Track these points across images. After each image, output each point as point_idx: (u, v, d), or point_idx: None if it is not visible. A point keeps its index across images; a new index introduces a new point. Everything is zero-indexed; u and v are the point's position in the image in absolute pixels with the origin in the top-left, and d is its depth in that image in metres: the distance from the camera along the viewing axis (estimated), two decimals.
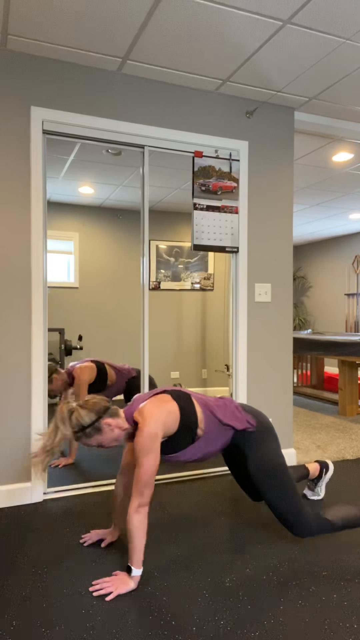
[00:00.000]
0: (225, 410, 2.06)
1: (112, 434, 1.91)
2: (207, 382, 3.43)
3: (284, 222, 3.38)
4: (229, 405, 2.09)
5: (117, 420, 1.93)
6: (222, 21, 2.38)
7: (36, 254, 2.72)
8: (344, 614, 1.69)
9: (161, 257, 3.25)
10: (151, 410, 1.89)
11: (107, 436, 1.90)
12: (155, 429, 1.85)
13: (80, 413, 1.86)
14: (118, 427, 1.92)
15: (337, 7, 2.27)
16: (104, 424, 1.89)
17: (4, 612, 1.70)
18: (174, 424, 1.94)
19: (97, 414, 1.88)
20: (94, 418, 1.87)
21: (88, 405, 1.89)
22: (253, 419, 2.07)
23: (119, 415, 1.96)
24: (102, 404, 1.91)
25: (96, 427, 1.87)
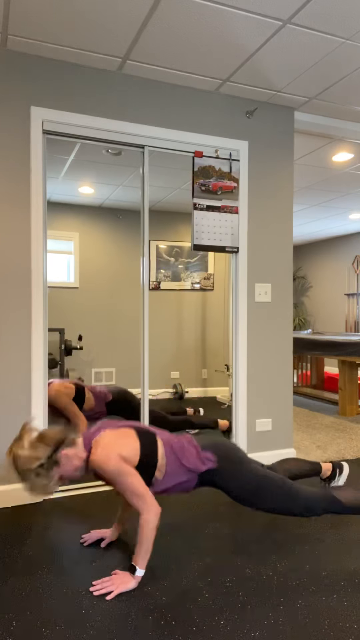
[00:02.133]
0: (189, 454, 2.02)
1: (72, 465, 1.89)
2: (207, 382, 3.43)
3: (284, 222, 3.38)
4: (189, 447, 2.05)
5: (75, 450, 1.90)
6: (222, 21, 2.38)
7: (36, 254, 2.72)
8: (344, 614, 1.69)
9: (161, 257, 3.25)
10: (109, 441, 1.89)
11: (66, 468, 1.88)
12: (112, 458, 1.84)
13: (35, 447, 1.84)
14: (77, 456, 1.90)
15: (337, 7, 2.27)
16: (62, 455, 1.87)
17: (4, 612, 1.70)
18: (130, 462, 1.92)
19: (53, 447, 1.86)
20: (49, 452, 1.85)
21: (44, 440, 1.87)
22: (212, 455, 2.04)
23: (77, 444, 1.93)
24: (58, 436, 1.89)
25: (54, 460, 1.86)
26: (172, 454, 2.00)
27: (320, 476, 2.62)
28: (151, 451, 1.96)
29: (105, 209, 3.09)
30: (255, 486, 2.04)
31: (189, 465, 2.00)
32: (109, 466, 1.84)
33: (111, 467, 1.83)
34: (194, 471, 2.01)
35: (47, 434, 1.90)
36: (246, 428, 3.25)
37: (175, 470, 2.00)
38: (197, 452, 2.04)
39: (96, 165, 3.01)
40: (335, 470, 2.64)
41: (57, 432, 1.91)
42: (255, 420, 3.29)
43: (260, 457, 3.29)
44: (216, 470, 2.03)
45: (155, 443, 1.99)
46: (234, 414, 3.25)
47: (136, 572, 1.84)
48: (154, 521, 1.84)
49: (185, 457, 2.01)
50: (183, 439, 2.10)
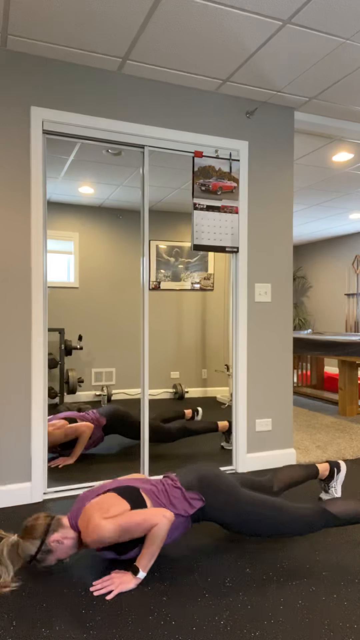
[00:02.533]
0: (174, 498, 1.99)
1: (65, 546, 1.88)
2: (207, 382, 3.43)
3: (284, 222, 3.38)
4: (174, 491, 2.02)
5: (63, 532, 1.89)
6: (222, 21, 2.38)
7: (36, 254, 2.72)
8: (344, 614, 1.69)
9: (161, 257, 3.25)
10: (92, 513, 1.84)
11: (60, 551, 1.88)
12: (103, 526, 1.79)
13: (24, 545, 1.84)
14: (67, 537, 1.89)
15: (337, 8, 2.27)
16: (51, 543, 1.85)
17: (4, 612, 1.70)
18: None
19: (40, 538, 1.84)
20: (38, 544, 1.84)
21: (29, 534, 1.85)
22: (198, 494, 2.01)
23: (63, 525, 1.91)
24: (41, 524, 1.87)
25: (45, 550, 1.85)
26: (159, 504, 1.97)
27: (318, 478, 2.61)
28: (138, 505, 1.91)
29: (105, 209, 3.09)
30: (248, 516, 2.00)
31: (178, 511, 1.97)
32: (104, 534, 1.78)
33: (107, 533, 1.78)
34: (184, 515, 1.98)
35: (33, 525, 1.87)
36: (246, 428, 3.25)
37: None
38: (183, 495, 2.01)
39: (96, 165, 3.01)
40: (333, 470, 2.62)
41: (41, 520, 1.89)
42: (255, 420, 3.29)
43: (260, 457, 3.29)
44: (205, 508, 2.01)
45: (141, 497, 1.95)
46: (234, 414, 3.25)
47: (139, 574, 1.84)
48: (166, 525, 1.83)
49: (173, 504, 1.98)
50: (167, 482, 2.07)
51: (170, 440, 3.21)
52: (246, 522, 2.01)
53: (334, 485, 2.64)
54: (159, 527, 1.82)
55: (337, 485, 2.65)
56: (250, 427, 3.27)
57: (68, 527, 1.91)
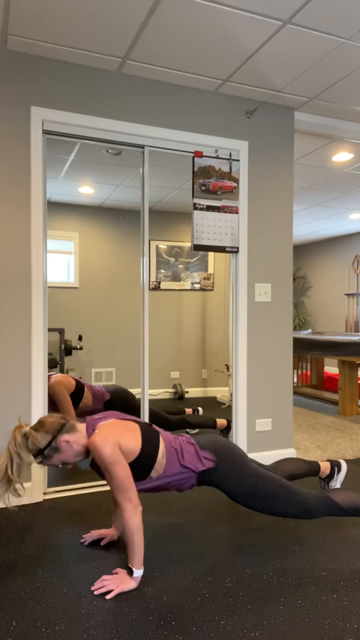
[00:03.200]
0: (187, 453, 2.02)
1: (73, 450, 1.90)
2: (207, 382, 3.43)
3: (284, 222, 3.38)
4: (188, 447, 2.05)
5: (75, 436, 1.91)
6: (222, 21, 2.38)
7: (36, 254, 2.72)
8: (344, 614, 1.69)
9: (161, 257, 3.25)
10: (112, 429, 1.88)
11: (67, 454, 1.90)
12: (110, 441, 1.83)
13: (35, 436, 1.85)
14: (77, 442, 1.91)
15: (337, 7, 2.27)
16: (61, 442, 1.88)
17: (4, 612, 1.70)
18: (130, 454, 1.91)
19: (53, 433, 1.87)
20: (49, 438, 1.86)
21: (42, 426, 1.88)
22: (211, 454, 2.04)
23: (77, 430, 1.94)
24: (56, 422, 1.90)
25: (54, 447, 1.87)
26: (172, 452, 2.01)
27: (319, 475, 2.62)
28: (152, 447, 1.96)
29: (105, 209, 3.09)
30: (254, 487, 2.04)
31: (188, 465, 2.00)
32: (105, 450, 1.82)
33: (107, 452, 1.82)
34: (192, 470, 2.01)
35: (47, 420, 1.90)
36: (246, 428, 3.25)
37: (174, 469, 2.00)
38: (195, 451, 2.04)
39: (96, 165, 3.01)
40: (334, 469, 2.64)
41: (56, 418, 1.92)
42: (255, 420, 3.29)
43: (260, 457, 3.29)
44: (215, 470, 2.03)
45: (157, 440, 2.00)
46: (234, 414, 3.25)
47: (134, 573, 1.84)
48: (136, 520, 1.83)
49: (184, 457, 2.01)
50: (182, 438, 2.11)
51: (168, 429, 3.21)
52: (250, 493, 2.03)
53: (333, 484, 2.65)
54: (130, 521, 1.82)
55: (337, 484, 2.66)
56: (250, 427, 3.27)
57: (82, 433, 1.94)
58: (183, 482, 2.03)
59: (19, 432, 1.86)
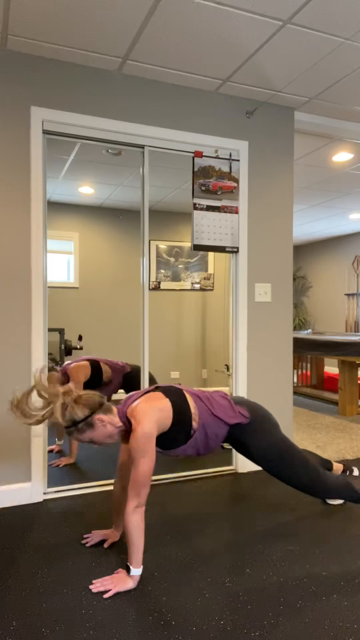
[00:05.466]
0: (218, 405, 2.06)
1: (105, 430, 1.91)
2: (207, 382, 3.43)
3: (284, 222, 3.38)
4: (221, 400, 2.09)
5: (110, 417, 1.93)
6: (222, 21, 2.38)
7: (36, 254, 2.72)
8: (344, 614, 1.69)
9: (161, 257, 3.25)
10: (144, 409, 1.89)
11: (99, 432, 1.90)
12: (149, 429, 1.84)
13: (74, 408, 1.86)
14: (111, 423, 1.92)
15: (337, 7, 2.27)
16: (96, 419, 1.88)
17: (4, 612, 1.70)
18: (167, 421, 1.93)
19: (91, 409, 1.88)
20: (87, 413, 1.87)
21: (81, 400, 1.88)
22: (246, 411, 2.08)
23: (112, 412, 1.95)
24: (95, 399, 1.91)
25: (89, 423, 1.87)
26: (202, 404, 2.03)
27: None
28: (182, 406, 1.98)
29: (105, 209, 3.09)
30: (282, 451, 2.06)
31: (220, 415, 2.02)
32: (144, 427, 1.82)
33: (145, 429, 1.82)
34: (225, 422, 2.02)
35: (88, 395, 1.91)
36: None
37: (207, 420, 2.02)
38: (230, 405, 2.07)
39: (96, 165, 3.01)
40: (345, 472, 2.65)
41: (97, 396, 1.93)
42: None
43: None
44: (247, 426, 2.06)
45: (184, 397, 2.01)
46: None
47: (131, 572, 1.84)
48: (136, 518, 1.83)
49: (215, 407, 2.04)
50: (214, 393, 2.13)
51: None
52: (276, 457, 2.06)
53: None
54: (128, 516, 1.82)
55: None
56: None
57: (117, 416, 1.95)
58: (216, 434, 2.03)
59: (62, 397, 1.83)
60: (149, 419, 1.86)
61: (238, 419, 2.05)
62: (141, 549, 1.85)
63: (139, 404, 1.92)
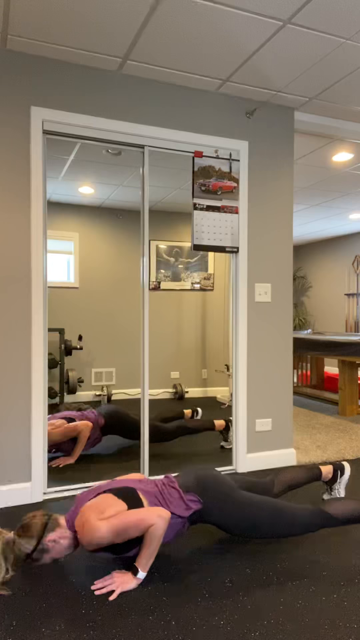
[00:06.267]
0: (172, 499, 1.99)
1: (62, 546, 1.88)
2: (207, 382, 3.43)
3: (284, 222, 3.38)
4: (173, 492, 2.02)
5: (60, 532, 1.88)
6: (222, 21, 2.38)
7: (36, 254, 2.72)
8: (344, 614, 1.69)
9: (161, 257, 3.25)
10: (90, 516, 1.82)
11: (56, 550, 1.87)
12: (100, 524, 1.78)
13: (20, 542, 1.82)
14: (63, 537, 1.88)
15: (337, 7, 2.27)
16: (47, 542, 1.84)
17: (4, 612, 1.70)
18: None
19: (37, 537, 1.83)
20: (34, 543, 1.82)
21: (25, 532, 1.84)
22: (195, 496, 2.01)
23: (60, 525, 1.90)
24: (39, 524, 1.86)
25: (41, 550, 1.84)
26: (156, 504, 1.97)
27: (322, 480, 2.60)
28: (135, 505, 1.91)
29: (105, 209, 3.09)
30: (246, 519, 2.01)
31: (175, 512, 1.97)
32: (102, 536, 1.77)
33: (104, 534, 1.77)
34: (181, 517, 1.98)
35: (30, 523, 1.87)
36: (246, 428, 3.25)
37: None
38: (180, 496, 2.01)
39: (96, 165, 3.01)
40: (337, 472, 2.61)
41: (38, 518, 1.88)
42: (255, 420, 3.29)
43: (261, 457, 3.29)
44: (203, 511, 2.01)
45: (137, 497, 1.94)
46: (234, 414, 3.25)
47: (138, 574, 1.84)
48: (163, 526, 1.82)
49: (169, 505, 1.97)
50: (164, 481, 2.07)
51: (168, 439, 3.21)
52: (244, 525, 2.01)
53: (337, 488, 2.63)
54: (156, 527, 1.81)
55: (341, 487, 2.64)
56: (250, 427, 3.27)
57: (65, 527, 1.91)
58: (175, 529, 1.99)
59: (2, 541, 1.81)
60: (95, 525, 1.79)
61: (191, 507, 1.99)
62: (154, 556, 1.85)
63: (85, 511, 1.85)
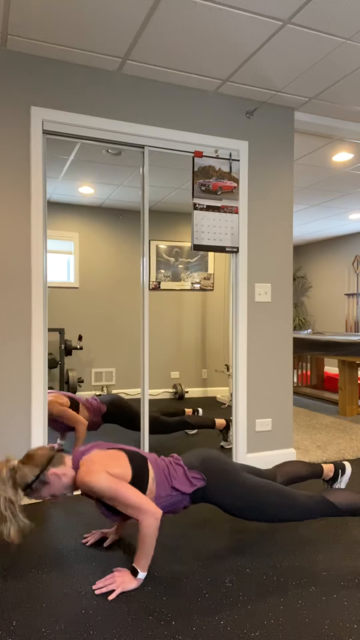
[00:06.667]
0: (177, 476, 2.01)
1: (62, 482, 1.90)
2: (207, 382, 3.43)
3: (284, 222, 3.38)
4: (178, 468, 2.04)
5: (63, 469, 1.91)
6: (222, 21, 2.38)
7: (36, 254, 2.72)
8: (344, 614, 1.69)
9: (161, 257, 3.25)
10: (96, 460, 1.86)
11: (56, 486, 1.89)
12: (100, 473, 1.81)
13: (23, 470, 1.84)
14: (65, 475, 1.90)
15: (337, 7, 2.27)
16: (49, 475, 1.87)
17: (4, 612, 1.70)
18: None
19: (41, 467, 1.86)
20: (37, 472, 1.85)
21: (30, 460, 1.87)
22: (199, 474, 2.03)
23: (64, 463, 1.93)
24: (44, 456, 1.89)
25: (42, 481, 1.86)
26: (162, 476, 1.99)
27: (322, 478, 2.61)
28: (142, 473, 1.94)
29: (105, 209, 3.10)
30: (248, 499, 2.02)
31: (178, 487, 1.99)
32: (96, 483, 1.81)
33: (102, 483, 1.81)
34: (183, 492, 2.00)
35: (35, 453, 1.90)
36: (246, 428, 3.25)
37: (166, 493, 1.99)
38: (184, 473, 2.03)
39: (96, 165, 3.01)
40: (338, 471, 2.63)
41: (44, 451, 1.91)
42: (255, 420, 3.29)
43: (260, 457, 3.29)
44: (206, 488, 2.03)
45: (145, 465, 1.97)
46: (234, 414, 3.25)
47: (138, 574, 1.84)
48: (155, 525, 1.82)
49: (174, 479, 2.00)
50: (170, 459, 2.10)
51: (167, 431, 3.21)
52: (245, 505, 2.02)
53: (337, 486, 2.64)
54: (148, 527, 1.81)
55: (342, 486, 2.65)
56: (250, 427, 3.27)
57: (69, 466, 1.93)
58: (175, 504, 2.02)
59: (5, 466, 1.84)
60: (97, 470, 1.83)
61: (195, 484, 2.01)
62: (151, 555, 1.85)
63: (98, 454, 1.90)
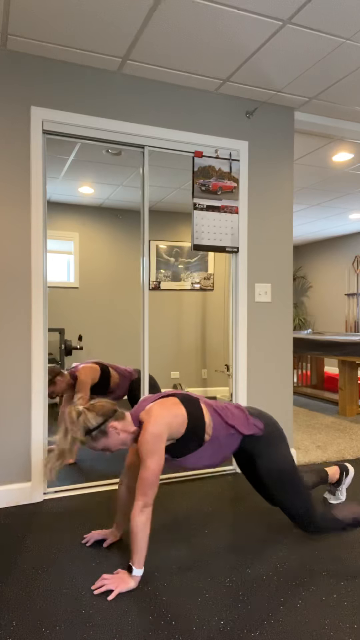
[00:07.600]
0: (233, 415, 2.04)
1: (119, 438, 1.92)
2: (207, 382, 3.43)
3: (284, 222, 3.38)
4: (236, 410, 2.07)
5: (123, 424, 1.93)
6: (222, 21, 2.38)
7: (36, 254, 2.72)
8: (344, 614, 1.69)
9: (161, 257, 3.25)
10: (158, 411, 1.89)
11: (113, 439, 1.91)
12: (160, 430, 1.84)
13: (87, 416, 1.87)
14: (124, 430, 1.93)
15: (337, 7, 2.27)
16: (110, 427, 1.89)
17: (4, 612, 1.70)
18: (181, 428, 1.92)
19: (104, 416, 1.89)
20: (100, 421, 1.88)
21: (95, 408, 1.90)
22: (261, 423, 2.06)
23: (126, 419, 1.96)
24: (109, 407, 1.92)
25: (102, 430, 1.88)
26: (216, 415, 2.01)
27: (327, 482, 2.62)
28: (197, 415, 1.96)
29: (105, 209, 3.10)
30: (284, 472, 2.03)
31: (233, 423, 2.00)
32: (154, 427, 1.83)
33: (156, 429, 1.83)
34: (238, 431, 2.01)
35: (101, 404, 1.92)
36: None
37: (221, 431, 2.00)
38: (245, 416, 2.05)
39: (96, 165, 3.01)
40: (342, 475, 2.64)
41: (109, 404, 1.94)
42: None
43: None
44: (260, 439, 2.04)
45: (199, 407, 2.00)
46: None
47: (133, 572, 1.84)
48: (142, 518, 1.83)
49: (229, 417, 2.02)
50: (229, 403, 2.12)
51: None
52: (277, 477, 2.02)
53: (341, 489, 2.67)
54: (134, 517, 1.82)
55: (344, 488, 2.67)
56: None
57: (130, 422, 1.96)
58: (228, 445, 2.02)
59: (74, 409, 1.88)
60: (161, 421, 1.86)
61: (252, 430, 2.02)
62: (145, 550, 1.85)
63: (154, 406, 1.92)
